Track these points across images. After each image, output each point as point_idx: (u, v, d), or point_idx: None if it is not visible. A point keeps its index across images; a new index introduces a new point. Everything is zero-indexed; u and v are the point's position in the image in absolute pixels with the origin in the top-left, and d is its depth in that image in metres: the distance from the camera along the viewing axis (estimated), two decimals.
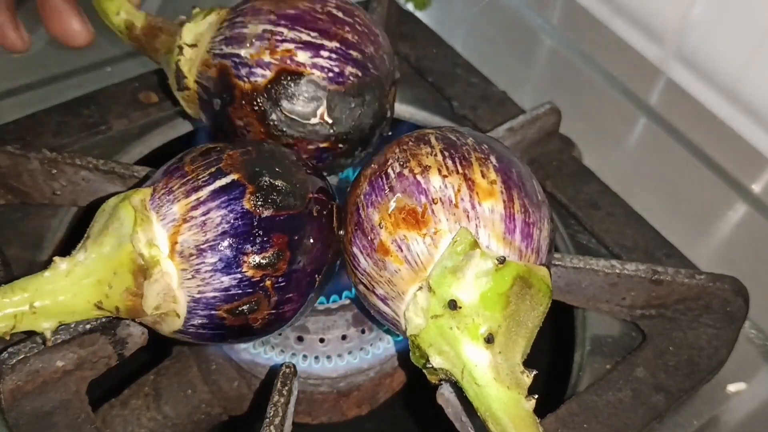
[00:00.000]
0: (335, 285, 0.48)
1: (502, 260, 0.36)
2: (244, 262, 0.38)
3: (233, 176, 0.39)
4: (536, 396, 0.35)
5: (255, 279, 0.38)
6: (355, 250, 0.40)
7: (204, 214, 0.38)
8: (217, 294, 0.38)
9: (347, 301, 0.48)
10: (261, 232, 0.38)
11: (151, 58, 0.50)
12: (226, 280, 0.38)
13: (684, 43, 0.71)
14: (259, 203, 0.38)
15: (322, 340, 0.48)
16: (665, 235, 0.54)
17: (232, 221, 0.38)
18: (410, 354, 0.38)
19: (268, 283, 0.38)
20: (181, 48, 0.47)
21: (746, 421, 0.48)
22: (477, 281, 0.36)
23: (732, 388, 0.49)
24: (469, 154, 0.38)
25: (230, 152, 0.40)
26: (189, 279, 0.38)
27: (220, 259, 0.38)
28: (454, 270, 0.36)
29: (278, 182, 0.39)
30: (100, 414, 0.47)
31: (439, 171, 0.38)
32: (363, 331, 0.48)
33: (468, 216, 0.37)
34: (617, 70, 0.72)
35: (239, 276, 0.38)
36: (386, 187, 0.38)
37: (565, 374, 0.48)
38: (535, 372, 0.36)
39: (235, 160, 0.39)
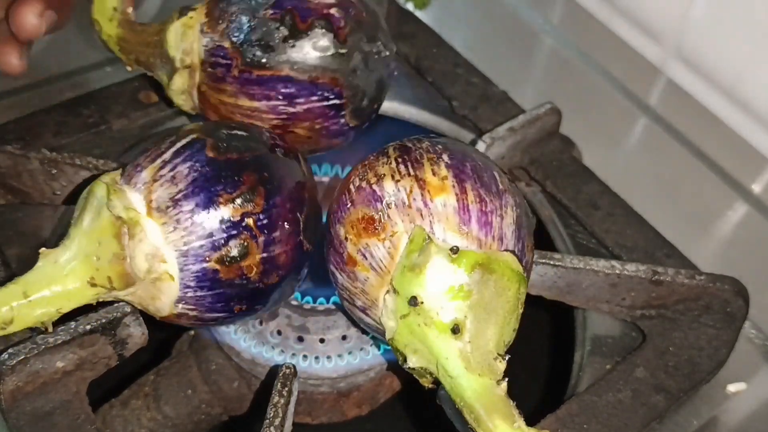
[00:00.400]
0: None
1: (455, 250, 0.36)
2: (220, 202, 0.39)
3: (192, 136, 0.41)
4: (506, 378, 0.35)
5: (235, 218, 0.39)
6: (332, 267, 0.41)
7: (171, 170, 0.39)
8: (202, 242, 0.39)
9: None
10: (230, 173, 0.39)
11: (142, 53, 0.50)
12: (208, 224, 0.39)
13: (684, 43, 0.70)
14: (222, 149, 0.40)
15: (322, 341, 0.48)
16: (665, 235, 0.53)
17: (199, 169, 0.39)
18: (398, 361, 0.39)
19: (249, 221, 0.39)
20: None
21: (746, 421, 0.48)
22: (435, 275, 0.36)
23: (732, 388, 0.49)
24: (421, 157, 0.39)
25: (186, 127, 0.42)
26: (172, 232, 0.39)
27: (196, 204, 0.39)
28: (411, 267, 0.37)
29: (235, 132, 0.42)
30: (100, 414, 0.47)
31: (392, 177, 0.39)
32: (363, 331, 0.48)
33: (421, 214, 0.38)
34: (617, 70, 0.71)
35: (219, 217, 0.39)
36: (348, 202, 0.40)
37: (565, 374, 0.48)
38: (508, 356, 0.36)
39: (192, 127, 0.41)
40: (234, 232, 0.39)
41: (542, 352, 0.56)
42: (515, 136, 0.55)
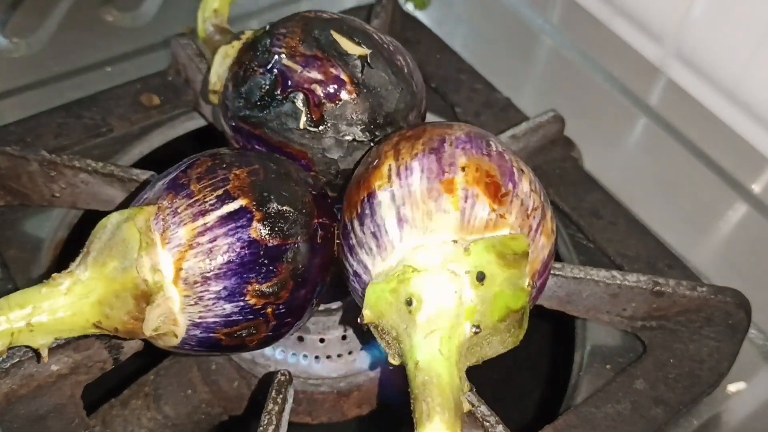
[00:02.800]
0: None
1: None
2: (248, 291, 0.36)
3: (241, 201, 0.37)
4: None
5: (257, 307, 0.37)
6: (415, 165, 0.36)
7: (211, 241, 0.36)
8: (217, 319, 0.37)
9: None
10: (266, 261, 0.36)
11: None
12: (229, 308, 0.36)
13: (684, 43, 0.69)
14: (266, 232, 0.37)
15: (322, 340, 0.46)
16: (664, 234, 0.52)
17: (238, 250, 0.36)
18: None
19: (269, 310, 0.37)
20: None
21: (746, 421, 0.46)
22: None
23: (732, 388, 0.47)
24: (547, 205, 0.38)
25: (237, 171, 0.38)
26: (192, 305, 0.36)
27: (224, 288, 0.36)
28: (499, 255, 0.34)
29: (285, 208, 0.38)
30: (100, 414, 0.46)
31: (530, 184, 0.37)
32: (359, 331, 0.46)
33: (530, 232, 0.36)
34: (617, 70, 0.70)
35: (242, 304, 0.37)
36: (484, 145, 0.37)
37: (564, 385, 0.46)
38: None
39: (242, 182, 0.37)
40: (251, 317, 0.37)
41: (541, 362, 0.54)
42: (518, 143, 0.54)
